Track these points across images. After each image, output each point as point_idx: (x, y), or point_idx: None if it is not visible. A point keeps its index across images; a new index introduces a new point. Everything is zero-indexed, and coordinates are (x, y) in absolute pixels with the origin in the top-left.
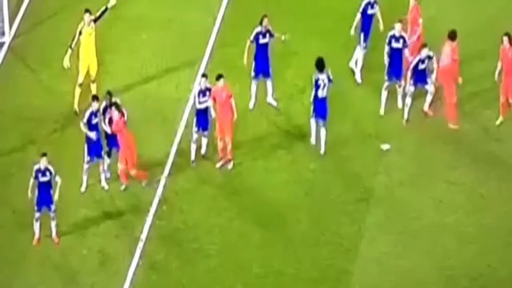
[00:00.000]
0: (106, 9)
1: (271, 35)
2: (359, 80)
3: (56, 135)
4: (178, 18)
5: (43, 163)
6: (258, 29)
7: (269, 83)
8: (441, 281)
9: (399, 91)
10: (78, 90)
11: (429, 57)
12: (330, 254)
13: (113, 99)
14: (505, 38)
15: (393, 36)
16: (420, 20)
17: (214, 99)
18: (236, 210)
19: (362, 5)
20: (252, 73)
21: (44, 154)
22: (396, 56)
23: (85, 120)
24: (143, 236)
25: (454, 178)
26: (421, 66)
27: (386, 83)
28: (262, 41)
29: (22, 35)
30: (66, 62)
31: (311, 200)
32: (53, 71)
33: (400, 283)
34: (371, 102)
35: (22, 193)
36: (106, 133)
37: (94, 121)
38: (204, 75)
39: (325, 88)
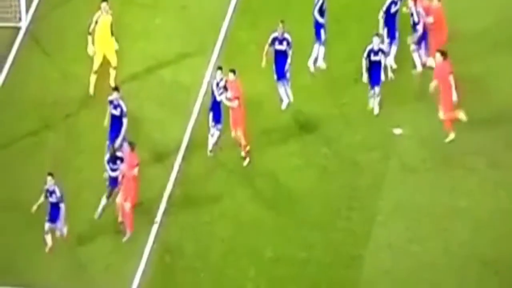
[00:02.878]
0: None
1: (288, 44)
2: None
3: (71, 119)
4: (192, 3)
5: (50, 184)
6: (275, 33)
7: (286, 87)
8: (454, 266)
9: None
10: (93, 77)
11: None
12: (342, 238)
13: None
14: (438, 54)
15: (371, 50)
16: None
17: (226, 89)
18: (248, 194)
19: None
20: (275, 76)
21: (50, 174)
22: (375, 68)
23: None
24: (158, 219)
25: (467, 163)
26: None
27: (371, 91)
28: (278, 47)
29: (38, 20)
30: (90, 50)
31: (323, 185)
32: (68, 55)
33: (412, 268)
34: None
35: (38, 175)
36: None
37: (113, 111)
38: (219, 68)
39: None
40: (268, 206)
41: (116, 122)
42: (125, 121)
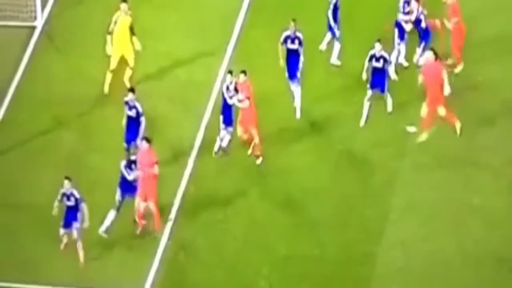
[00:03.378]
0: None
1: (300, 43)
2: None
3: (85, 117)
4: (206, 2)
5: (67, 187)
6: (287, 32)
7: (296, 89)
8: (467, 263)
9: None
10: (109, 76)
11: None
12: (355, 236)
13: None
14: (430, 53)
15: (373, 56)
16: (455, 20)
17: (237, 91)
18: (262, 192)
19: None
20: (286, 74)
21: (67, 178)
22: (376, 74)
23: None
24: (172, 217)
25: (481, 160)
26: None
27: (369, 93)
28: (290, 46)
29: (54, 20)
30: (109, 49)
31: (336, 183)
32: (83, 54)
33: (426, 266)
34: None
35: (51, 173)
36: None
37: (129, 112)
38: (230, 72)
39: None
40: (282, 204)
41: (132, 124)
42: (142, 120)
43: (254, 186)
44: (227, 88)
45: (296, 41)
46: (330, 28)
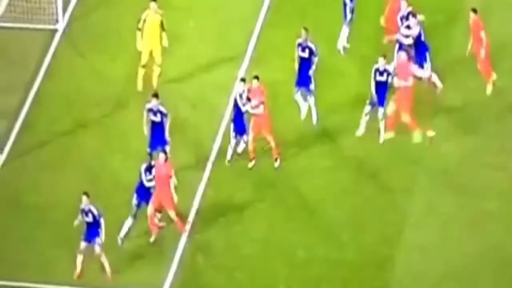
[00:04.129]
0: None
1: (312, 53)
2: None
3: (106, 119)
4: (225, 4)
5: (85, 203)
6: (299, 39)
7: (310, 100)
8: (486, 268)
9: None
10: (141, 71)
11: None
12: (374, 240)
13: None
14: (402, 54)
15: (377, 70)
16: (483, 34)
17: (249, 99)
18: (280, 196)
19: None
20: (295, 82)
21: (86, 194)
22: (380, 88)
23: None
24: (190, 219)
25: (499, 164)
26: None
27: (368, 108)
28: (301, 54)
29: (75, 22)
30: (139, 45)
31: (354, 187)
32: (104, 56)
33: (444, 270)
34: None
35: (73, 175)
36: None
37: (153, 118)
38: (242, 80)
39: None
40: (300, 207)
41: (156, 129)
42: (168, 119)
43: (272, 189)
44: (240, 96)
45: (307, 50)
46: (344, 11)
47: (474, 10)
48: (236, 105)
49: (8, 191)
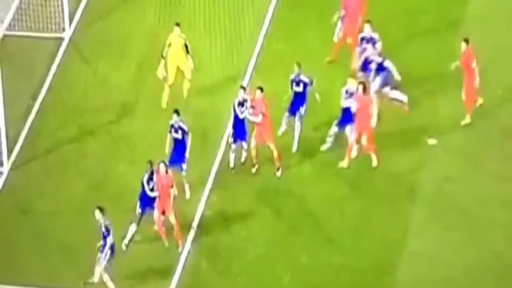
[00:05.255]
0: None
1: (305, 86)
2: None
3: (113, 126)
4: (229, 19)
5: (98, 217)
6: (292, 76)
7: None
8: (487, 275)
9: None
10: (167, 90)
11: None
12: (377, 246)
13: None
14: (360, 87)
15: (346, 91)
16: (474, 65)
17: (253, 107)
18: (283, 202)
19: None
20: (287, 110)
21: (100, 209)
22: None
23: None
24: (195, 225)
25: (502, 173)
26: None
27: (335, 129)
28: (296, 88)
29: (81, 30)
30: (160, 73)
31: (357, 194)
32: (109, 64)
33: (446, 276)
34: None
35: (80, 181)
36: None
37: (174, 135)
38: (242, 87)
39: None
40: (303, 214)
41: (178, 145)
42: (189, 137)
43: (275, 196)
44: (240, 103)
45: (301, 84)
46: None
47: (466, 40)
48: (234, 112)
49: (15, 197)
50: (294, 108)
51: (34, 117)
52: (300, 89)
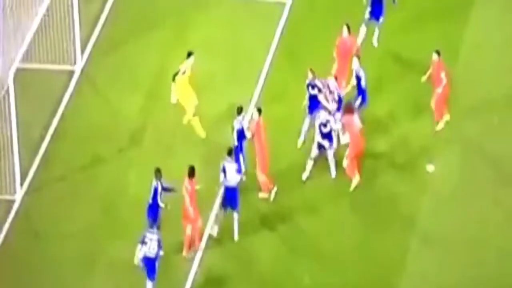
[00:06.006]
0: None
1: (319, 90)
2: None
3: (122, 153)
4: (235, 47)
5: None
6: (308, 80)
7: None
8: None
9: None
10: (196, 119)
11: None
12: (377, 267)
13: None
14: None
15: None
16: (443, 75)
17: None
18: (287, 225)
19: None
20: (306, 110)
21: (144, 243)
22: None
23: None
24: (201, 246)
25: (498, 196)
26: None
27: (316, 152)
28: (311, 91)
29: (92, 62)
30: (174, 98)
31: (357, 216)
32: (119, 94)
33: None
34: (417, 121)
35: (91, 207)
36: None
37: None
38: (240, 111)
39: None
40: (305, 234)
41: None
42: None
43: (278, 218)
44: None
45: (316, 88)
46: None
47: (438, 52)
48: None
49: (29, 222)
50: (311, 110)
51: (46, 145)
52: (315, 91)
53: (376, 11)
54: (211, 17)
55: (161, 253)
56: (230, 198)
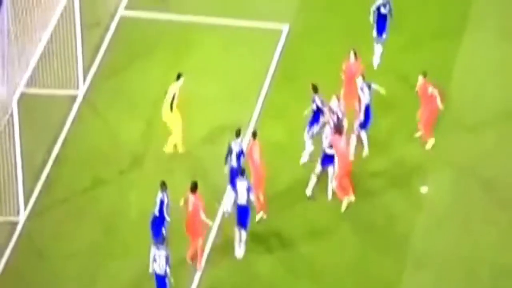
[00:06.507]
0: None
1: (321, 111)
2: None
3: (123, 176)
4: (234, 69)
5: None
6: (318, 100)
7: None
8: None
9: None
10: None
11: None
12: (373, 287)
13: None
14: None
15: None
16: (430, 91)
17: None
18: (285, 246)
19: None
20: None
21: (161, 243)
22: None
23: None
24: (201, 266)
25: (492, 216)
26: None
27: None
28: (313, 105)
29: (94, 87)
30: (166, 117)
31: (354, 236)
32: (120, 118)
33: None
34: (413, 142)
35: (93, 228)
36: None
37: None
38: (238, 133)
39: None
40: (302, 255)
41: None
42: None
43: (276, 236)
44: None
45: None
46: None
47: (424, 74)
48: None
49: (32, 243)
50: (314, 122)
51: (49, 169)
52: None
53: (380, 28)
54: (209, 43)
55: (168, 269)
56: (240, 216)
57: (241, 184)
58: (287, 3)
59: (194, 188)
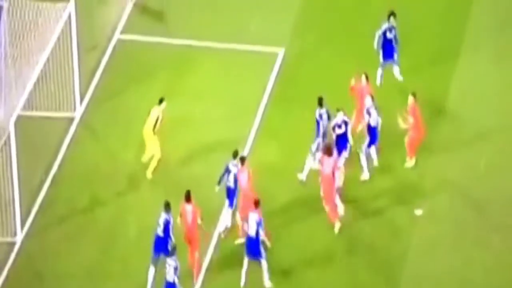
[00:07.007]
0: None
1: (329, 117)
2: None
3: (120, 197)
4: (229, 92)
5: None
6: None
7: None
8: None
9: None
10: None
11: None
12: None
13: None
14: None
15: (336, 124)
16: (414, 115)
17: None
18: (280, 253)
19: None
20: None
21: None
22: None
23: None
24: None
25: (485, 239)
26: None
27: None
28: (337, 131)
29: (91, 109)
30: (147, 138)
31: (349, 258)
32: (117, 139)
33: None
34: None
35: (90, 248)
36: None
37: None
38: (235, 155)
39: None
40: (297, 264)
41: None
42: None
43: (273, 253)
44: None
45: (324, 116)
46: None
47: (413, 94)
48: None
49: (29, 263)
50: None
51: (47, 189)
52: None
53: (389, 52)
54: (206, 66)
55: (176, 280)
56: (249, 247)
57: (252, 216)
58: (282, 28)
59: (188, 197)
